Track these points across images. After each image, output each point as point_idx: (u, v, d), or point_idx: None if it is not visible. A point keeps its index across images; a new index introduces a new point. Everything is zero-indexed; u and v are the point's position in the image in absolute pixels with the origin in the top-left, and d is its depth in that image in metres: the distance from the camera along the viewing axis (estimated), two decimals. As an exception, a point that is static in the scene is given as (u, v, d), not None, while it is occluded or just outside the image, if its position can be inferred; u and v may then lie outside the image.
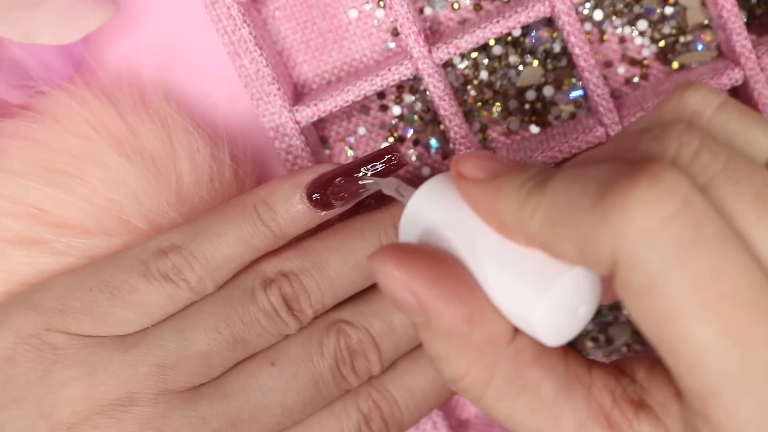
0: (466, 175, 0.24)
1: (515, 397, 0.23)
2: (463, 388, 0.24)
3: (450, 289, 0.23)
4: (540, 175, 0.23)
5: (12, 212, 0.33)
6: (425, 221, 0.25)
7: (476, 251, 0.24)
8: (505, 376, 0.23)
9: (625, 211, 0.19)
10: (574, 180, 0.21)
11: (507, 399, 0.23)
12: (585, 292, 0.23)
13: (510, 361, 0.23)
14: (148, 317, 0.31)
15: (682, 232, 0.19)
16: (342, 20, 0.39)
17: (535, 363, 0.23)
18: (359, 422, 0.32)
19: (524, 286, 0.23)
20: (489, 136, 0.40)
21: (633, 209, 0.19)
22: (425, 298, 0.23)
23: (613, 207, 0.20)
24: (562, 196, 0.21)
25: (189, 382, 0.31)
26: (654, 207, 0.19)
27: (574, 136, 0.36)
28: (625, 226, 0.19)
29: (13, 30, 0.33)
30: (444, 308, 0.23)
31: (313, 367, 0.31)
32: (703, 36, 0.39)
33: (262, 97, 0.36)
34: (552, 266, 0.23)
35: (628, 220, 0.19)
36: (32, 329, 0.30)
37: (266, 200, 0.31)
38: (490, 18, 0.36)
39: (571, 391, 0.23)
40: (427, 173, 0.40)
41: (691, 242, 0.19)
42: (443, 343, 0.24)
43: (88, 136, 0.34)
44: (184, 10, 0.38)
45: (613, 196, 0.20)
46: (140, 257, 0.31)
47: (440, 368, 0.24)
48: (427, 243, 0.25)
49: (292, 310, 0.31)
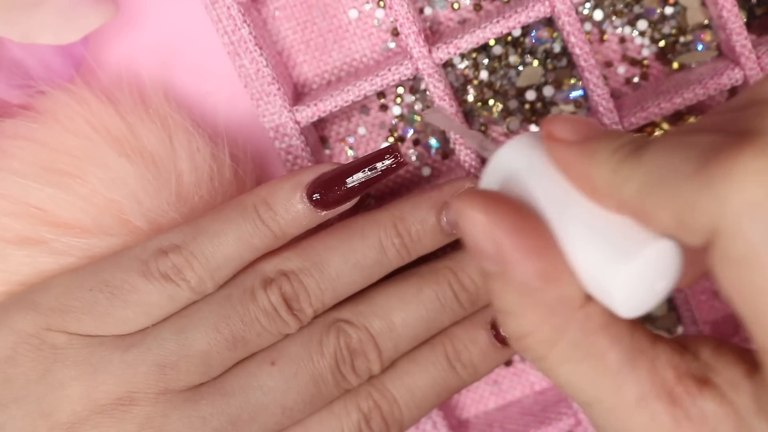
0: (557, 136, 0.24)
1: (579, 362, 0.23)
2: (527, 346, 0.24)
3: (532, 242, 0.23)
4: (635, 141, 0.22)
5: (12, 212, 0.33)
6: (510, 175, 0.25)
7: (561, 212, 0.23)
8: (572, 340, 0.23)
9: (731, 180, 0.19)
10: (676, 147, 0.21)
11: (570, 363, 0.23)
12: (667, 267, 0.23)
13: (579, 325, 0.23)
14: (148, 317, 0.31)
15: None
16: (342, 20, 0.39)
17: (603, 331, 0.23)
18: (359, 422, 0.32)
19: (607, 252, 0.22)
20: (489, 136, 0.40)
21: (740, 178, 0.19)
22: (506, 248, 0.23)
23: (719, 174, 0.19)
24: (662, 162, 0.21)
25: (189, 382, 0.31)
26: (761, 178, 0.19)
27: (574, 136, 0.36)
28: (730, 194, 0.19)
29: (13, 30, 0.33)
30: (523, 260, 0.23)
31: (313, 366, 0.31)
32: (703, 36, 0.39)
33: (262, 97, 0.36)
34: (638, 235, 0.22)
35: (735, 189, 0.19)
36: (32, 329, 0.30)
37: (266, 200, 0.31)
38: (490, 18, 0.36)
39: (636, 363, 0.23)
40: (427, 173, 0.40)
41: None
42: (514, 296, 0.23)
43: (88, 136, 0.34)
44: (184, 10, 0.38)
45: (718, 164, 0.19)
46: (140, 257, 0.31)
47: (506, 323, 0.24)
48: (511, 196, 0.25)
49: (292, 310, 0.31)
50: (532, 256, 0.23)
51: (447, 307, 0.33)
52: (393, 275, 0.33)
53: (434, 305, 0.33)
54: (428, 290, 0.33)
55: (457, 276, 0.33)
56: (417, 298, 0.33)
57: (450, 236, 0.33)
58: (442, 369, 0.33)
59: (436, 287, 0.33)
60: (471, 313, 0.34)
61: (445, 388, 0.33)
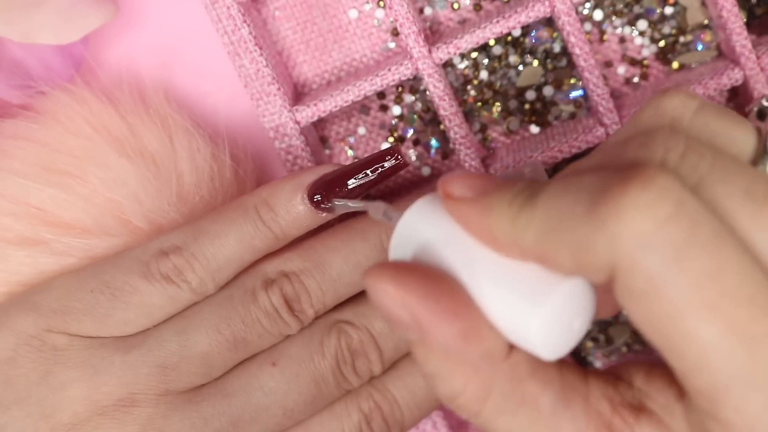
0: (454, 195, 0.24)
1: (513, 413, 0.23)
2: (461, 405, 0.24)
3: (446, 305, 0.23)
4: (529, 188, 0.22)
5: (12, 212, 0.33)
6: (416, 241, 0.25)
7: (470, 268, 0.24)
8: (503, 392, 0.23)
9: (620, 216, 0.19)
10: (565, 190, 0.21)
11: (505, 414, 0.23)
12: (580, 304, 0.23)
13: (506, 376, 0.23)
14: (150, 318, 0.31)
15: (678, 233, 0.19)
16: (342, 20, 0.39)
17: (531, 377, 0.23)
18: (360, 422, 0.32)
19: (519, 299, 0.23)
20: (489, 136, 0.40)
21: (628, 213, 0.19)
22: (421, 315, 0.23)
23: (608, 213, 0.20)
24: (554, 207, 0.21)
25: (190, 383, 0.31)
26: (649, 210, 0.19)
27: (574, 136, 0.36)
28: (621, 230, 0.19)
29: (13, 30, 0.33)
30: (440, 324, 0.23)
31: (314, 367, 0.31)
32: (703, 36, 0.39)
33: (262, 97, 0.36)
34: (547, 279, 0.22)
35: (624, 225, 0.19)
36: (33, 330, 0.30)
37: (267, 201, 0.31)
38: (490, 18, 0.36)
39: (569, 402, 0.23)
40: (427, 173, 0.40)
41: (688, 243, 0.19)
42: (439, 360, 0.23)
43: (88, 136, 0.34)
44: (184, 10, 0.38)
45: (606, 202, 0.20)
46: (141, 258, 0.31)
47: (436, 386, 0.24)
48: (420, 261, 0.25)
49: (293, 311, 0.31)
50: (449, 318, 0.23)
51: None
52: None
53: None
54: None
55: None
56: None
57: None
58: None
59: None
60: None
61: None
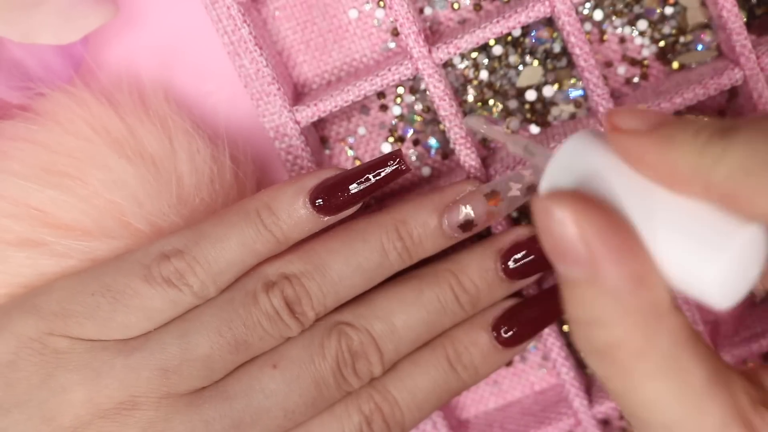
0: (623, 128, 0.23)
1: (665, 378, 0.22)
2: (614, 359, 0.22)
3: (624, 243, 0.21)
4: (715, 124, 0.21)
5: (12, 214, 0.33)
6: (576, 176, 0.23)
7: (643, 208, 0.22)
8: (662, 352, 0.21)
9: None
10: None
11: (656, 380, 0.22)
12: (758, 252, 0.21)
13: (669, 335, 0.22)
14: (151, 321, 0.31)
15: None
16: (342, 20, 0.39)
17: (689, 344, 0.22)
18: (361, 424, 0.32)
19: (698, 243, 0.21)
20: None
21: None
22: (598, 250, 0.21)
23: None
24: (761, 144, 0.20)
25: (191, 386, 0.31)
26: None
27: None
28: None
29: (13, 30, 0.33)
30: (616, 263, 0.21)
31: (315, 369, 0.31)
32: (703, 36, 0.39)
33: (262, 98, 0.36)
34: (726, 222, 0.21)
35: None
36: (34, 333, 0.30)
37: (269, 205, 0.31)
38: (490, 18, 0.36)
39: (718, 386, 0.22)
40: (427, 173, 0.40)
41: None
42: (604, 304, 0.21)
43: (88, 137, 0.34)
44: (184, 10, 0.38)
45: None
46: (143, 261, 0.31)
47: (591, 334, 0.22)
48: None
49: (293, 313, 0.31)
50: (625, 258, 0.21)
51: (448, 309, 0.33)
52: (394, 278, 0.33)
53: (435, 307, 0.33)
54: (429, 292, 0.33)
55: (458, 278, 0.33)
56: (418, 301, 0.33)
57: (451, 239, 0.33)
58: (443, 371, 0.33)
59: (437, 289, 0.33)
60: (472, 315, 0.34)
61: (446, 390, 0.33)
